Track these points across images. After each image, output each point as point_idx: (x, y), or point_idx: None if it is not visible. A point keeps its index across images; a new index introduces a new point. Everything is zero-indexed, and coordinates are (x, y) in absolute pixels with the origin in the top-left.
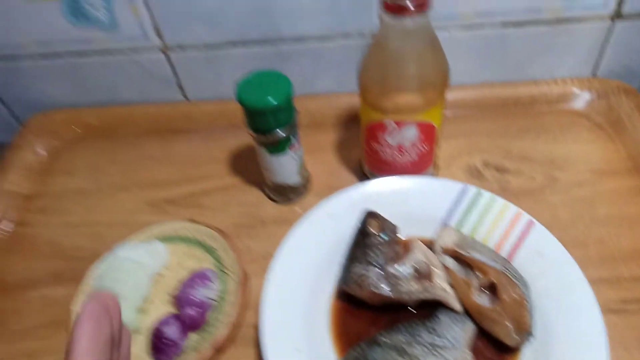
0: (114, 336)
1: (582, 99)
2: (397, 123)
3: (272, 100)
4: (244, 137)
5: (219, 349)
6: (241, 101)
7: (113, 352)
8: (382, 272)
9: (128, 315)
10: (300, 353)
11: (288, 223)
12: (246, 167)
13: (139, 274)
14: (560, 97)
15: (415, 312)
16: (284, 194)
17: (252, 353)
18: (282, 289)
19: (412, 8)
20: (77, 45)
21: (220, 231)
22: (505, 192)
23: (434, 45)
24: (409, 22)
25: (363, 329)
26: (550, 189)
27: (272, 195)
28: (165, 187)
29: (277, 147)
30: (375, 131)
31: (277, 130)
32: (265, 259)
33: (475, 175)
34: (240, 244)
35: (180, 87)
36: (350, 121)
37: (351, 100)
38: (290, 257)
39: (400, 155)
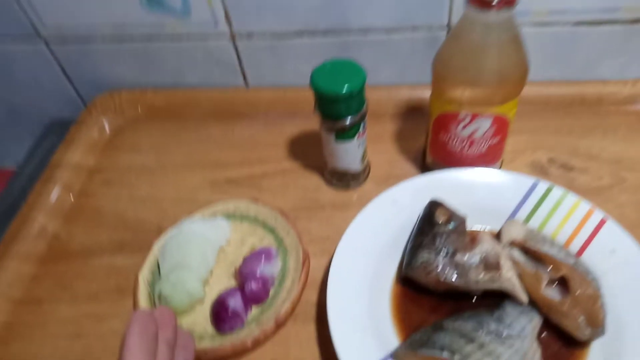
0: (169, 340)
1: None
2: (472, 115)
3: (347, 88)
4: (302, 124)
5: (280, 324)
6: (316, 87)
7: (170, 353)
8: (449, 260)
9: (195, 286)
10: (365, 331)
11: (346, 208)
12: (304, 153)
13: (205, 246)
14: (630, 98)
15: (473, 302)
16: (344, 180)
17: (311, 329)
18: (348, 269)
19: (498, 2)
20: (149, 29)
21: (281, 211)
22: (571, 189)
23: (517, 40)
24: (493, 16)
25: (424, 315)
26: (618, 188)
27: (331, 181)
28: (226, 168)
29: (345, 134)
30: (446, 122)
31: (348, 117)
32: (323, 241)
33: (540, 172)
34: (299, 225)
35: (243, 74)
36: (410, 113)
37: (411, 92)
38: (356, 240)
39: (470, 147)
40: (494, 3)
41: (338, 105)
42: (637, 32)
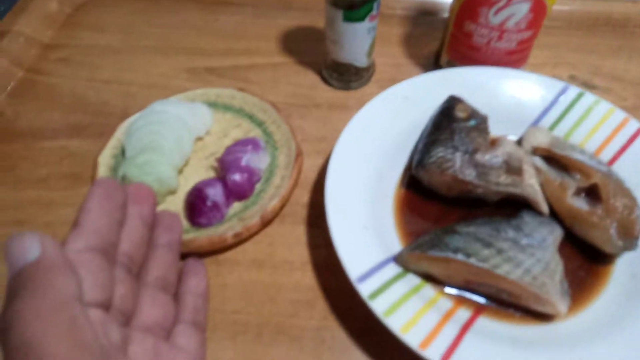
0: (144, 215)
1: None
2: None
3: None
4: (297, 17)
5: (266, 222)
6: None
7: (145, 230)
8: (469, 158)
9: (166, 171)
10: (366, 232)
11: (345, 109)
12: (299, 48)
13: (181, 130)
14: None
15: (484, 210)
16: (345, 77)
17: (300, 231)
18: (349, 166)
19: None
20: None
21: (272, 103)
22: None
23: None
24: None
25: (430, 223)
26: None
27: (330, 77)
28: (206, 56)
29: (356, 12)
30: (476, 6)
31: None
32: (318, 142)
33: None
34: (292, 122)
35: None
36: (420, 16)
37: None
38: (359, 135)
39: (498, 40)
40: None
41: None
42: None
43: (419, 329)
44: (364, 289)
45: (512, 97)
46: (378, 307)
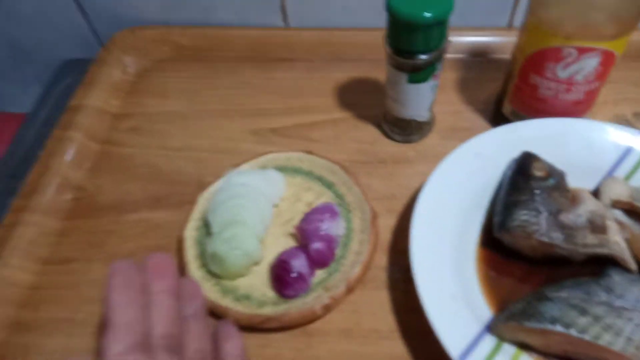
0: (169, 288)
1: None
2: (580, 50)
3: (430, 14)
4: (350, 70)
5: (351, 289)
6: (393, 11)
7: (173, 302)
8: (553, 220)
9: (253, 244)
10: (457, 301)
11: (410, 164)
12: (356, 102)
13: (261, 201)
14: None
15: (568, 270)
16: (407, 131)
17: (383, 296)
18: (431, 230)
19: None
20: None
21: (341, 165)
22: None
23: None
24: None
25: (515, 284)
26: None
27: (391, 132)
28: (268, 116)
29: (420, 74)
30: (543, 60)
31: (426, 53)
32: (388, 200)
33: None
34: (359, 181)
35: (283, 11)
36: (472, 59)
37: (475, 36)
38: (437, 196)
39: (565, 92)
40: None
41: (417, 36)
42: None
43: None
44: None
45: (584, 148)
46: None
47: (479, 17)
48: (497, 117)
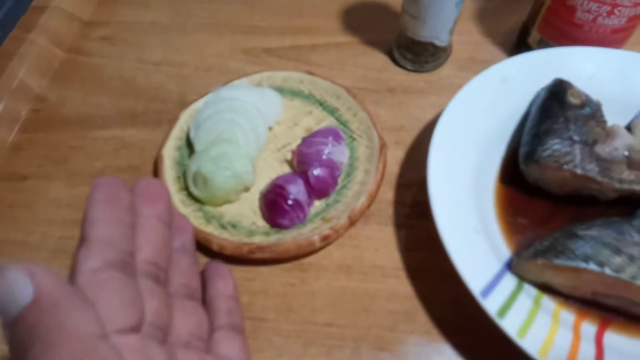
0: (161, 214)
1: None
2: None
3: None
4: None
5: (354, 221)
6: None
7: (165, 230)
8: (589, 151)
9: (244, 165)
10: (477, 235)
11: (422, 94)
12: (364, 24)
13: (256, 118)
14: None
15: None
16: (421, 57)
17: (388, 232)
18: (449, 160)
19: None
20: None
21: (346, 88)
22: None
23: None
24: None
25: (537, 223)
26: None
27: (403, 58)
28: (263, 35)
29: None
30: None
31: None
32: (396, 130)
33: None
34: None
35: None
36: None
37: None
38: (457, 123)
39: (609, 15)
40: None
41: None
42: None
43: (556, 349)
44: (491, 306)
45: (619, 81)
46: (509, 327)
47: None
48: (521, 49)
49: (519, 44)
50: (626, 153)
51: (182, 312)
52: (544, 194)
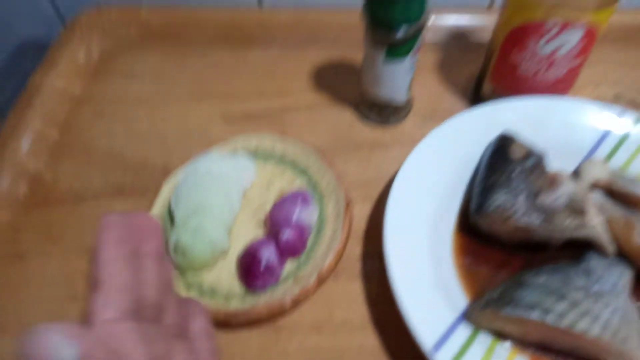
0: (154, 252)
1: None
2: (562, 25)
3: None
4: (326, 51)
5: (322, 280)
6: None
7: (158, 268)
8: (531, 203)
9: (219, 234)
10: (431, 289)
11: (387, 148)
12: (331, 84)
13: (229, 188)
14: None
15: (547, 254)
16: (384, 114)
17: (356, 287)
18: (405, 217)
19: None
20: None
21: (315, 149)
22: None
23: None
24: None
25: (493, 270)
26: None
27: (369, 115)
28: (240, 99)
29: (399, 49)
30: (525, 36)
31: (405, 24)
32: (363, 186)
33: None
34: (335, 167)
35: None
36: (451, 41)
37: (455, 17)
38: (412, 181)
39: (547, 70)
40: None
41: (397, 5)
42: None
43: None
44: (442, 359)
45: (564, 128)
46: None
47: None
48: (477, 99)
49: (475, 94)
50: (568, 200)
51: (177, 353)
52: (499, 242)
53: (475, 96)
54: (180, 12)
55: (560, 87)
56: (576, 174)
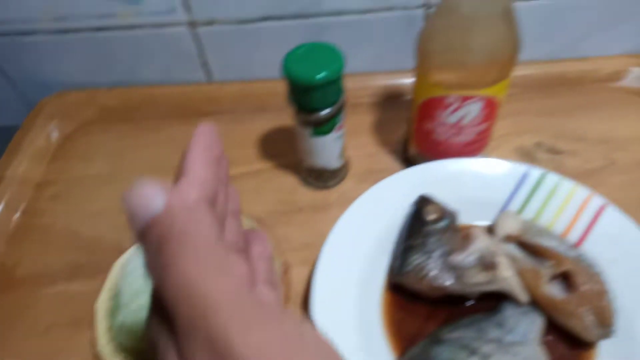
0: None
1: (636, 75)
2: (462, 98)
3: (323, 75)
4: (273, 120)
5: None
6: (288, 75)
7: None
8: (444, 263)
9: None
10: (359, 352)
11: (327, 210)
12: (278, 151)
13: None
14: (613, 75)
15: (471, 305)
16: (322, 179)
17: None
18: (333, 281)
19: None
20: (97, 20)
21: (257, 219)
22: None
23: (510, 12)
24: None
25: (419, 324)
26: (609, 170)
27: (308, 180)
28: None
29: (322, 127)
30: (432, 108)
31: (325, 108)
32: (304, 249)
33: (527, 157)
34: (277, 231)
35: (206, 66)
36: (388, 102)
37: (389, 79)
38: (339, 246)
39: (457, 135)
40: None
41: (314, 95)
42: (617, 6)
43: None
44: None
45: (480, 185)
46: None
47: (393, 61)
48: (405, 159)
49: (405, 154)
50: (478, 257)
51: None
52: (424, 298)
53: (406, 157)
54: (135, 92)
55: (474, 148)
56: (491, 227)
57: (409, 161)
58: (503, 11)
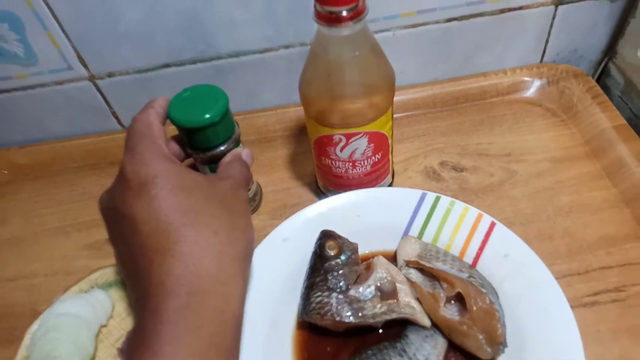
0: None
1: (533, 86)
2: (346, 136)
3: (207, 116)
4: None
5: None
6: (173, 121)
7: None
8: (343, 297)
9: None
10: None
11: None
12: None
13: (80, 330)
14: (511, 87)
15: (379, 333)
16: None
17: None
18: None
19: (346, 16)
20: None
21: None
22: (465, 191)
23: (375, 51)
24: (345, 31)
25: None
26: (509, 183)
27: None
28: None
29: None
30: (324, 146)
31: (219, 146)
32: None
33: (433, 177)
34: None
35: (115, 115)
36: (300, 134)
37: (299, 112)
38: (249, 288)
39: (353, 168)
40: (341, 18)
41: (203, 135)
42: (507, 21)
43: None
44: None
45: (382, 214)
46: None
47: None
48: (318, 191)
49: (317, 187)
50: (376, 287)
51: None
52: (332, 332)
53: (318, 189)
54: (46, 147)
55: (373, 177)
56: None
57: (320, 194)
58: (367, 52)
